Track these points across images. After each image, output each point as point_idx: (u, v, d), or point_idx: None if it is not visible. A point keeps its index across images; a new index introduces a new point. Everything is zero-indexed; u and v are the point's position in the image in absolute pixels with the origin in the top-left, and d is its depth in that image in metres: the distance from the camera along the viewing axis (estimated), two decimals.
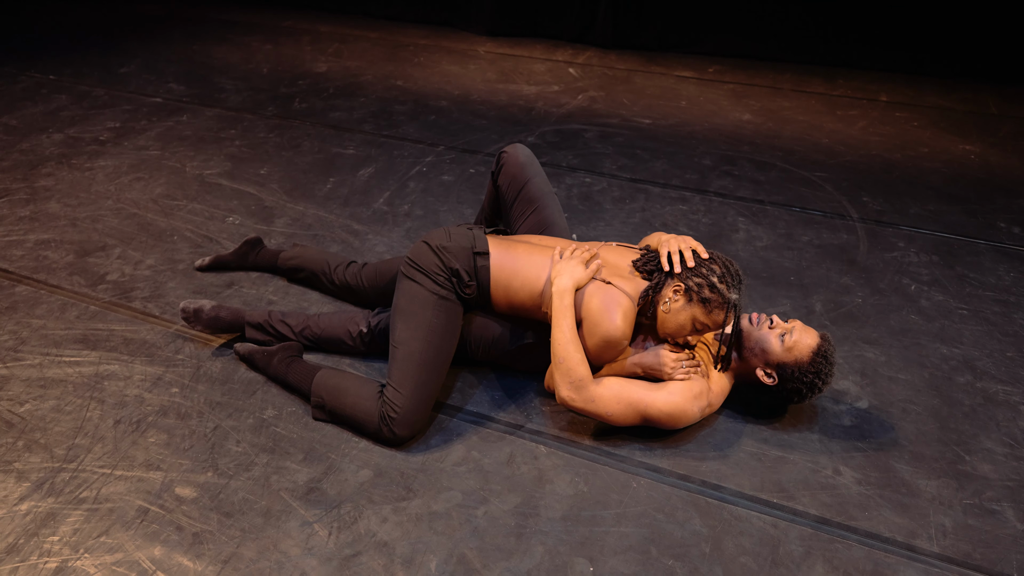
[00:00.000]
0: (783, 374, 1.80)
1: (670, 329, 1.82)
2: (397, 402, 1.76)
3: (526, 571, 1.53)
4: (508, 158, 2.17)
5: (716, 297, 1.77)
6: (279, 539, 1.58)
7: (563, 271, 1.79)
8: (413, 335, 1.82)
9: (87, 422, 1.88)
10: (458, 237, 1.91)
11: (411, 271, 1.88)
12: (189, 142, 3.50)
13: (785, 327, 1.82)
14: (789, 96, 4.22)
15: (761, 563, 1.56)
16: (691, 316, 1.79)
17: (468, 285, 1.87)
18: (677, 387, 1.78)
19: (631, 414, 1.77)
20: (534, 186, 2.15)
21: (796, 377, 1.79)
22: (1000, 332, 2.29)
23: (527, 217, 2.14)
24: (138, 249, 2.63)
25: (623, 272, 1.86)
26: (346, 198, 3.02)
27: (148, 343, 2.16)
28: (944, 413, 1.97)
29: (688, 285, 1.79)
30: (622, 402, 1.75)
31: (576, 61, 4.78)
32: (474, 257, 1.87)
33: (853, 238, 2.80)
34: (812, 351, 1.79)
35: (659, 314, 1.82)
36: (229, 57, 4.71)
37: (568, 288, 1.76)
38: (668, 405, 1.75)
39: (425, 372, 1.79)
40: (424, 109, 3.94)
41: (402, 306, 1.87)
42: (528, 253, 1.89)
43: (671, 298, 1.80)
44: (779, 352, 1.80)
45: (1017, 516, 1.68)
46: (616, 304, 1.76)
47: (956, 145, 3.61)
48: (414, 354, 1.80)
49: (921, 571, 1.55)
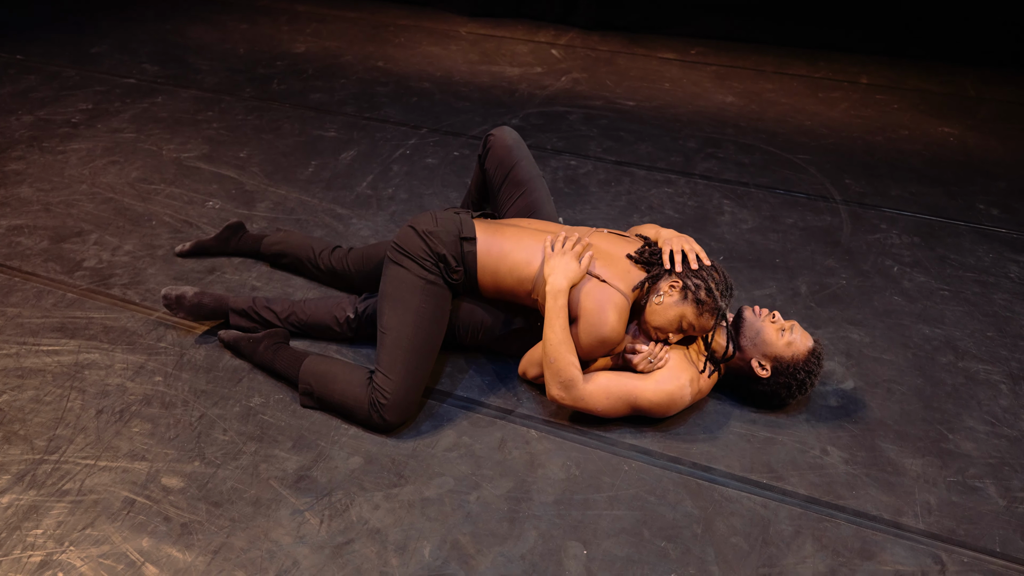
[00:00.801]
0: (777, 367, 1.82)
1: (657, 322, 1.82)
2: (387, 388, 1.74)
3: (520, 555, 1.53)
4: (495, 141, 2.15)
5: (710, 301, 1.78)
6: (270, 528, 1.56)
7: (556, 268, 1.76)
8: (401, 320, 1.80)
9: (68, 412, 1.84)
10: (445, 222, 1.88)
11: (398, 256, 1.86)
12: (165, 124, 3.41)
13: (785, 324, 1.84)
14: (771, 78, 4.23)
15: (752, 543, 1.57)
16: (680, 314, 1.79)
17: (455, 271, 1.85)
18: (665, 376, 1.78)
19: (621, 407, 1.78)
20: (522, 169, 2.13)
21: (790, 372, 1.81)
22: (980, 312, 2.33)
23: (515, 201, 2.12)
24: (115, 235, 2.57)
25: (615, 261, 1.85)
26: (329, 182, 2.97)
27: (129, 331, 2.11)
28: (927, 393, 2.00)
29: (686, 283, 1.79)
30: (611, 396, 1.76)
31: (559, 43, 4.73)
32: (461, 242, 1.85)
33: (837, 220, 2.82)
34: (808, 351, 1.82)
35: (650, 305, 1.82)
36: (204, 37, 4.59)
37: (563, 288, 1.74)
38: (657, 395, 1.76)
39: (414, 358, 1.78)
40: (406, 91, 3.88)
41: (389, 292, 1.84)
42: (516, 237, 1.87)
43: (666, 292, 1.80)
44: (779, 345, 1.82)
45: (999, 492, 1.71)
46: (611, 304, 1.75)
47: (936, 127, 3.64)
48: (403, 340, 1.78)
49: (907, 548, 1.58)
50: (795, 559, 1.54)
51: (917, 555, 1.56)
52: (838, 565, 1.53)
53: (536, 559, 1.52)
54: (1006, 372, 2.08)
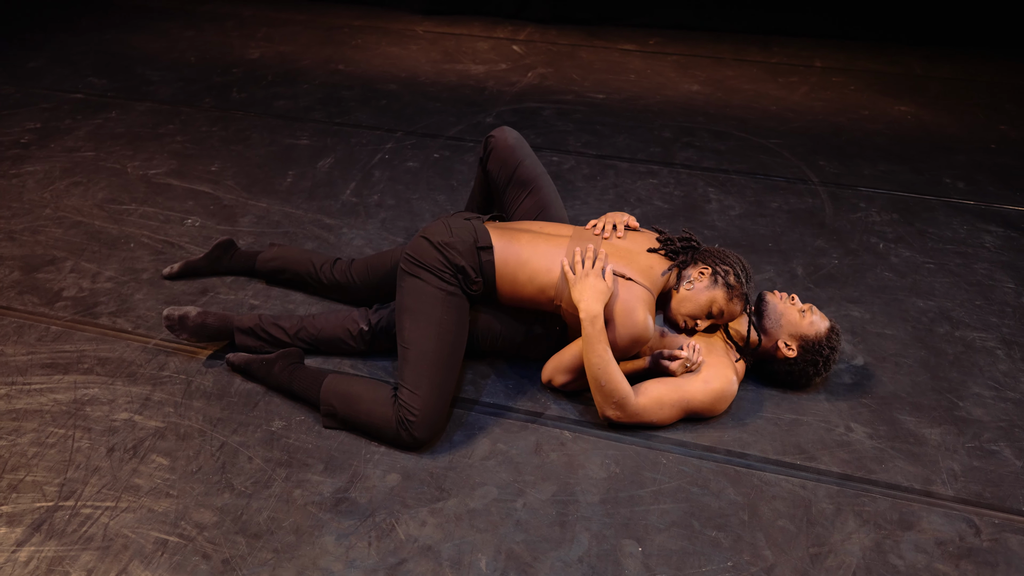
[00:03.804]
0: (803, 346, 1.86)
1: (687, 309, 1.83)
2: (414, 404, 1.70)
3: (577, 559, 1.52)
4: (497, 142, 2.12)
5: (739, 286, 1.82)
6: (317, 556, 1.51)
7: (585, 292, 1.74)
8: (424, 334, 1.76)
9: (76, 453, 1.73)
10: (459, 231, 1.84)
11: (413, 268, 1.81)
12: (124, 140, 3.24)
13: (803, 306, 1.90)
14: (731, 65, 4.32)
15: (799, 524, 1.61)
16: (711, 299, 1.82)
17: (475, 282, 1.82)
18: (711, 374, 1.80)
19: (676, 413, 1.80)
20: (526, 168, 2.11)
21: (816, 350, 1.86)
22: (965, 282, 2.44)
23: (522, 200, 2.10)
24: (92, 260, 2.43)
25: (636, 257, 1.86)
26: (310, 191, 2.88)
27: (127, 361, 2.00)
28: (932, 363, 2.08)
29: (715, 268, 1.82)
30: (665, 406, 1.78)
31: (518, 38, 4.71)
32: (478, 252, 1.82)
33: (818, 202, 2.91)
34: (828, 329, 1.88)
35: (680, 292, 1.83)
36: (149, 46, 4.39)
37: (599, 313, 1.72)
38: (708, 394, 1.79)
39: (440, 371, 1.74)
40: (373, 94, 3.80)
41: (408, 305, 1.79)
42: (533, 244, 1.85)
43: (696, 278, 1.83)
44: (803, 325, 1.87)
45: (1014, 454, 1.80)
46: (639, 301, 1.76)
47: (892, 107, 3.79)
48: (427, 354, 1.74)
49: (942, 515, 1.64)
50: (841, 536, 1.58)
51: (952, 521, 1.62)
52: (882, 538, 1.58)
53: (594, 561, 1.52)
54: (999, 338, 2.19)
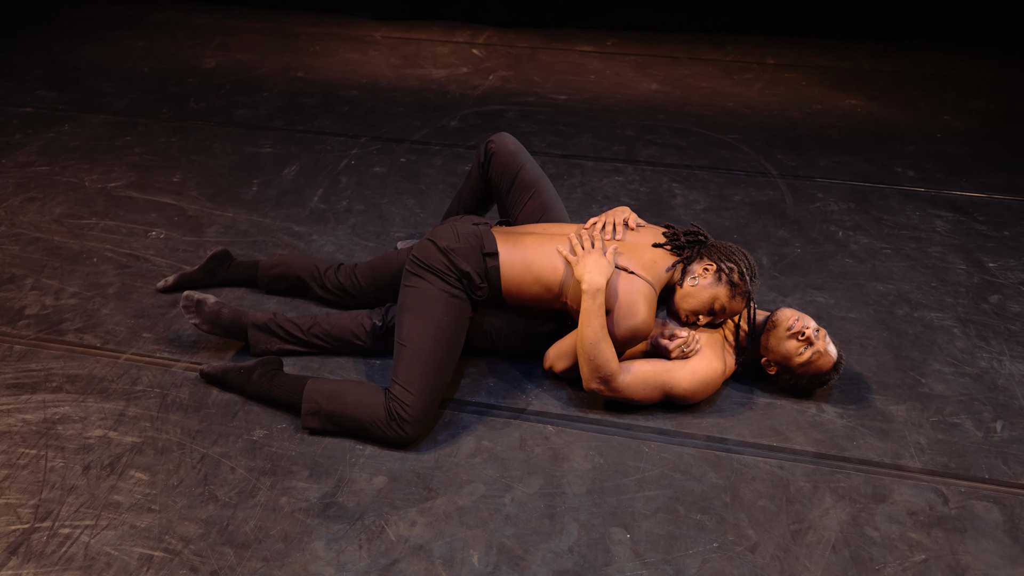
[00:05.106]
0: (785, 376, 1.90)
1: (689, 304, 1.87)
2: (407, 401, 1.71)
3: (567, 549, 1.54)
4: (497, 148, 2.14)
5: (742, 285, 1.85)
6: (308, 562, 1.50)
7: (589, 267, 1.77)
8: (422, 333, 1.77)
9: (50, 473, 1.68)
10: (466, 237, 1.86)
11: (418, 270, 1.83)
12: (80, 153, 3.16)
13: (812, 336, 1.82)
14: (687, 64, 4.41)
15: (778, 503, 1.66)
16: (714, 295, 1.84)
17: (480, 288, 1.84)
18: (698, 363, 1.84)
19: (656, 395, 1.84)
20: (528, 172, 2.14)
21: (794, 379, 1.89)
22: (921, 266, 2.54)
23: (525, 203, 2.12)
24: (54, 277, 2.36)
25: (640, 251, 1.89)
26: (277, 199, 2.85)
27: (97, 378, 1.96)
28: (895, 343, 2.17)
29: (720, 266, 1.85)
30: (648, 385, 1.82)
31: (477, 42, 4.74)
32: (484, 258, 1.84)
33: (778, 193, 2.99)
34: (823, 370, 1.85)
35: (684, 288, 1.87)
36: (100, 57, 4.28)
37: (601, 286, 1.75)
38: (692, 383, 1.83)
39: (434, 370, 1.75)
40: (335, 100, 3.78)
41: (410, 304, 1.81)
42: (538, 245, 1.87)
43: (700, 274, 1.86)
44: (792, 360, 1.85)
45: (975, 426, 1.89)
46: (641, 295, 1.79)
47: (843, 100, 3.92)
48: (423, 352, 1.75)
49: (912, 487, 1.71)
50: (819, 512, 1.64)
51: (922, 492, 1.70)
52: (857, 512, 1.64)
53: (584, 550, 1.54)
54: (955, 317, 2.29)
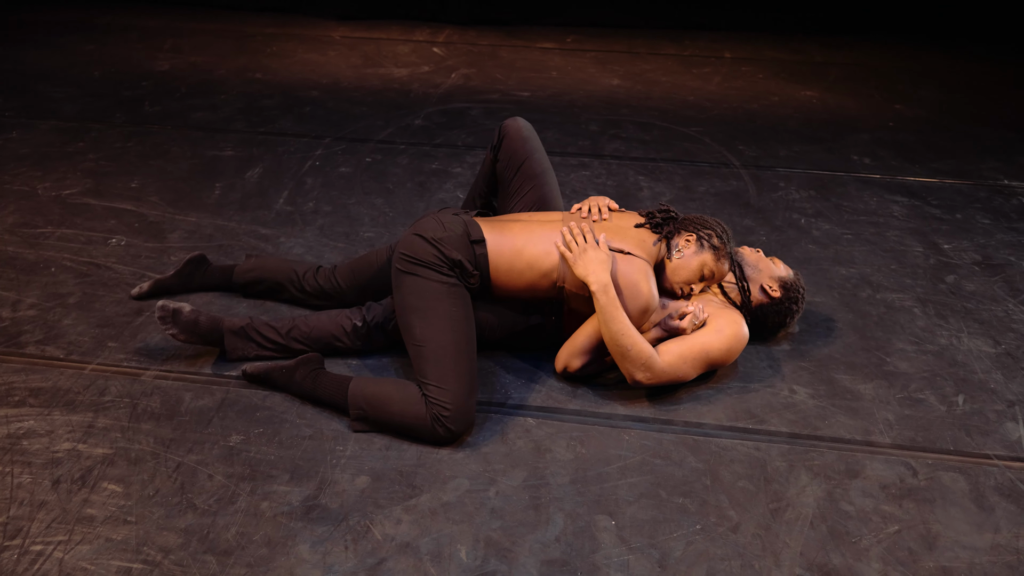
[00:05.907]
0: (784, 285, 2.04)
1: (681, 276, 1.91)
2: (446, 399, 1.70)
3: (554, 539, 1.55)
4: (510, 131, 2.13)
5: (723, 247, 1.90)
6: (293, 565, 1.48)
7: (590, 264, 1.79)
8: (437, 329, 1.76)
9: (17, 489, 1.62)
10: (451, 225, 1.85)
11: (409, 266, 1.81)
12: (30, 161, 3.06)
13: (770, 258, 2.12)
14: (647, 59, 4.47)
15: (757, 484, 1.69)
16: (702, 262, 1.90)
17: (472, 275, 1.83)
18: (722, 323, 1.91)
19: (699, 367, 1.89)
20: (535, 162, 2.13)
21: (795, 287, 2.05)
22: (881, 249, 2.62)
23: (525, 194, 2.12)
24: (10, 288, 2.28)
25: (627, 232, 1.92)
26: (241, 203, 2.80)
27: (62, 390, 1.90)
28: (859, 325, 2.23)
29: (699, 234, 1.91)
30: (688, 360, 1.86)
31: (438, 40, 4.72)
32: (472, 245, 1.83)
33: (741, 184, 3.06)
34: (792, 271, 2.09)
35: (672, 262, 1.92)
36: (46, 62, 4.14)
37: (608, 281, 1.77)
38: (725, 341, 1.89)
39: (462, 362, 1.74)
40: (295, 101, 3.72)
41: (413, 304, 1.79)
42: (527, 232, 1.88)
43: (683, 246, 1.91)
44: (778, 269, 2.07)
45: (938, 400, 1.96)
46: (639, 273, 1.82)
47: (799, 92, 4.02)
48: (446, 347, 1.74)
49: (883, 462, 1.76)
50: (796, 490, 1.68)
51: (892, 466, 1.75)
52: (832, 488, 1.69)
53: (570, 539, 1.55)
54: (915, 297, 2.37)
